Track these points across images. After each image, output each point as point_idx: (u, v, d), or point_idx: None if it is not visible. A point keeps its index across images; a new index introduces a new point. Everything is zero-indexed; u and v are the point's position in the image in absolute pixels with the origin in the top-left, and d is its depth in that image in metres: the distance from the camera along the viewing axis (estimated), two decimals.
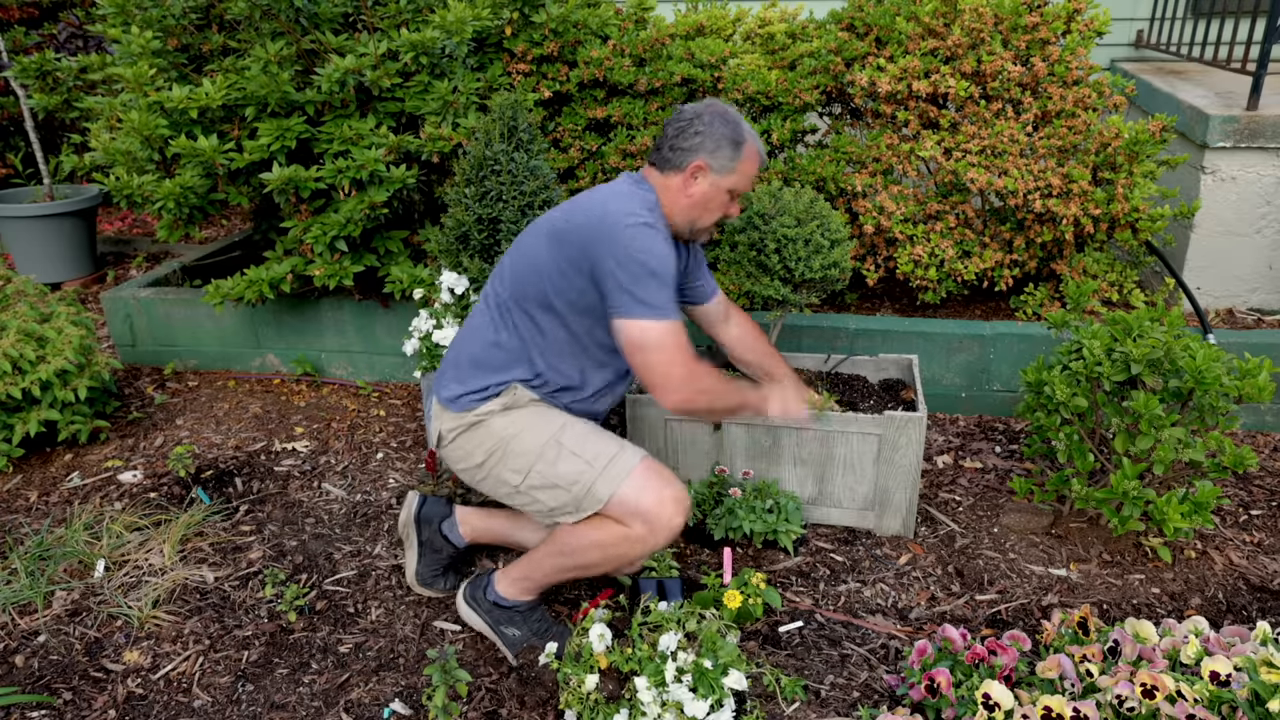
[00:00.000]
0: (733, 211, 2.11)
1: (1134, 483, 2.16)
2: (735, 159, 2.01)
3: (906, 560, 2.42)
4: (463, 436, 2.03)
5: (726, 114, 2.02)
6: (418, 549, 2.27)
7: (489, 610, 2.11)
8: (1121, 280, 3.27)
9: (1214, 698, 1.68)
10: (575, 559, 2.00)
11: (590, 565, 2.01)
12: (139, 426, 3.19)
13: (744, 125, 2.04)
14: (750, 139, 2.04)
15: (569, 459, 1.94)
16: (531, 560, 2.07)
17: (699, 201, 2.03)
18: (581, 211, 1.96)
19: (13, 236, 4.24)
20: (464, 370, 2.04)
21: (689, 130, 1.99)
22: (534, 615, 2.11)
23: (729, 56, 3.26)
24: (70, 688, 2.07)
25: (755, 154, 2.05)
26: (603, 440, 1.99)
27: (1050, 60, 3.02)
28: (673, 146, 2.01)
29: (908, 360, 2.68)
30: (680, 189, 2.02)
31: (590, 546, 1.96)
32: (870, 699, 1.97)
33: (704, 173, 2.01)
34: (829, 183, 3.17)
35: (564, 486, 1.94)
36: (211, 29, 3.21)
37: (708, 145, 1.99)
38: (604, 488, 1.90)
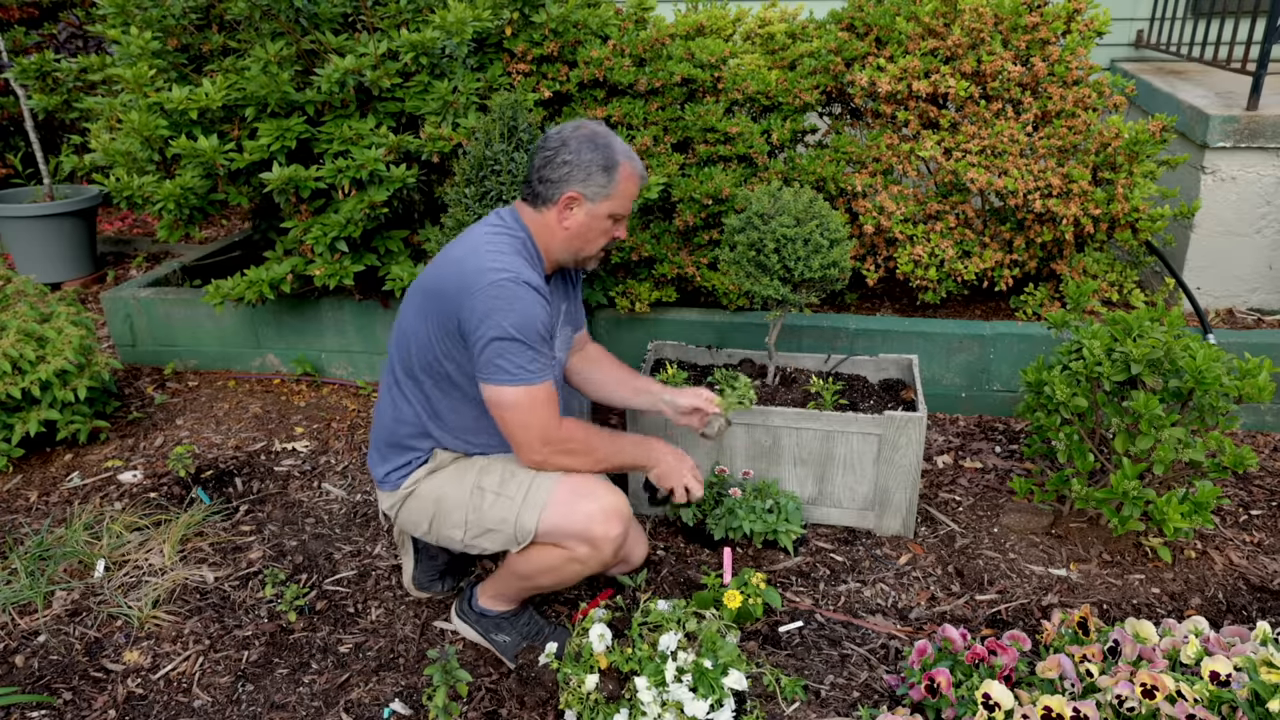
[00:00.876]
0: (619, 234, 1.99)
1: (1134, 483, 2.16)
2: (609, 183, 1.89)
3: (906, 560, 2.42)
4: (403, 509, 2.04)
5: (595, 136, 1.90)
6: (414, 555, 2.28)
7: (477, 620, 2.13)
8: (1121, 280, 3.27)
9: (1214, 698, 1.68)
10: (533, 582, 2.02)
11: (550, 586, 2.03)
12: (139, 426, 3.19)
13: (615, 144, 1.91)
14: (624, 158, 1.91)
15: (491, 500, 1.95)
16: (499, 580, 2.09)
17: (577, 233, 1.93)
18: (444, 269, 1.88)
19: (13, 236, 4.24)
20: (383, 450, 2.04)
21: (555, 160, 1.88)
22: (520, 619, 2.12)
23: (729, 56, 3.26)
24: (70, 688, 2.07)
25: (631, 173, 1.92)
26: (518, 474, 1.96)
27: (1050, 60, 3.02)
28: (541, 178, 1.90)
29: (908, 360, 2.68)
30: (556, 222, 1.91)
31: (541, 572, 1.98)
32: (870, 699, 1.97)
33: (578, 203, 1.90)
34: (829, 183, 3.16)
35: (496, 529, 1.94)
36: (211, 29, 3.21)
37: (577, 175, 1.87)
38: (529, 519, 1.90)
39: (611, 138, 1.92)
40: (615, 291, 3.21)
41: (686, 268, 3.17)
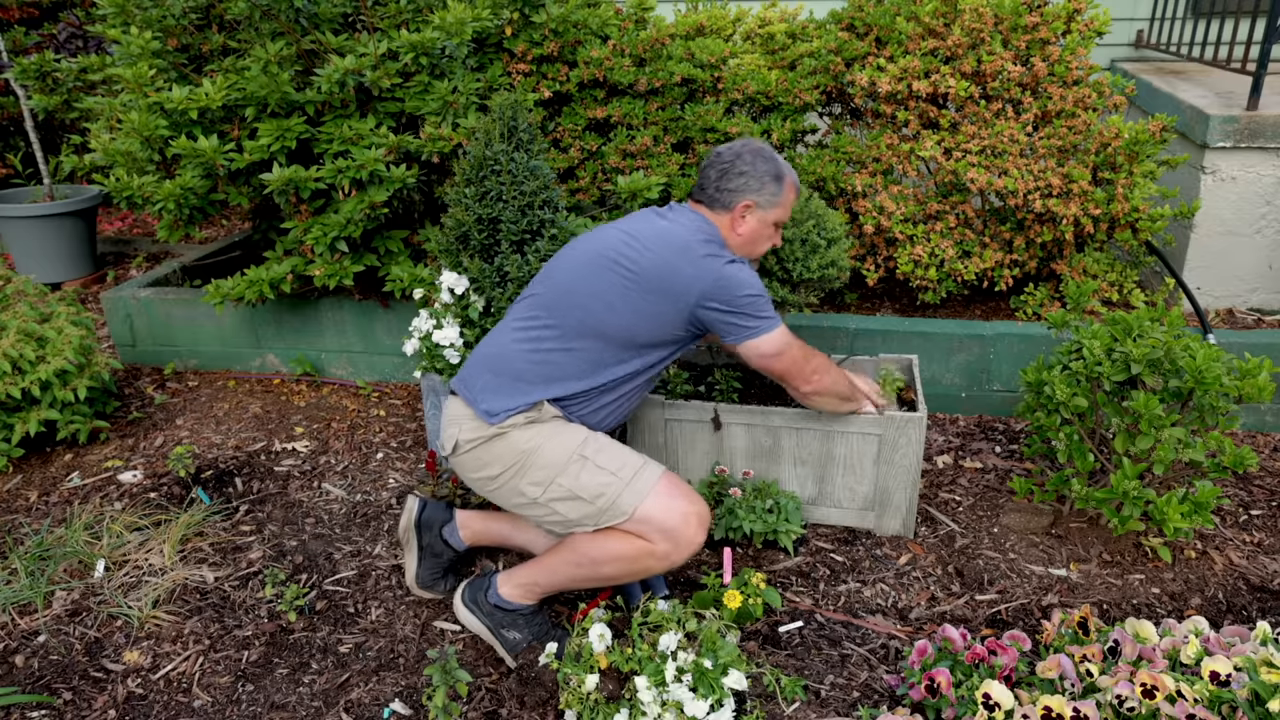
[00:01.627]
0: (777, 241, 2.20)
1: (1134, 483, 2.16)
2: (779, 192, 2.11)
3: (906, 560, 2.42)
4: (481, 448, 2.02)
5: (763, 151, 2.12)
6: (418, 553, 2.27)
7: (490, 613, 2.10)
8: (1121, 280, 3.28)
9: (1214, 698, 1.68)
10: (594, 570, 1.99)
11: (609, 577, 2.01)
12: (139, 426, 3.19)
13: (780, 159, 2.14)
14: (789, 172, 2.13)
15: (593, 471, 1.95)
16: (543, 566, 2.06)
17: (749, 238, 2.12)
18: (660, 251, 2.02)
19: (13, 236, 4.24)
20: (506, 383, 2.02)
21: (732, 171, 2.08)
22: (536, 619, 2.10)
23: (729, 56, 3.26)
24: (70, 688, 2.07)
25: (794, 185, 2.16)
26: (625, 453, 2.01)
27: (1050, 60, 3.02)
28: (718, 188, 2.09)
29: (908, 360, 2.68)
30: (729, 227, 2.10)
31: (612, 559, 1.95)
32: (870, 699, 1.97)
33: (752, 210, 2.09)
34: (829, 183, 3.17)
35: (587, 499, 1.93)
36: (211, 29, 3.22)
37: (753, 184, 2.08)
38: (629, 501, 1.91)
39: (776, 153, 2.16)
40: None
41: None
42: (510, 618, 2.09)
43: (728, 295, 1.99)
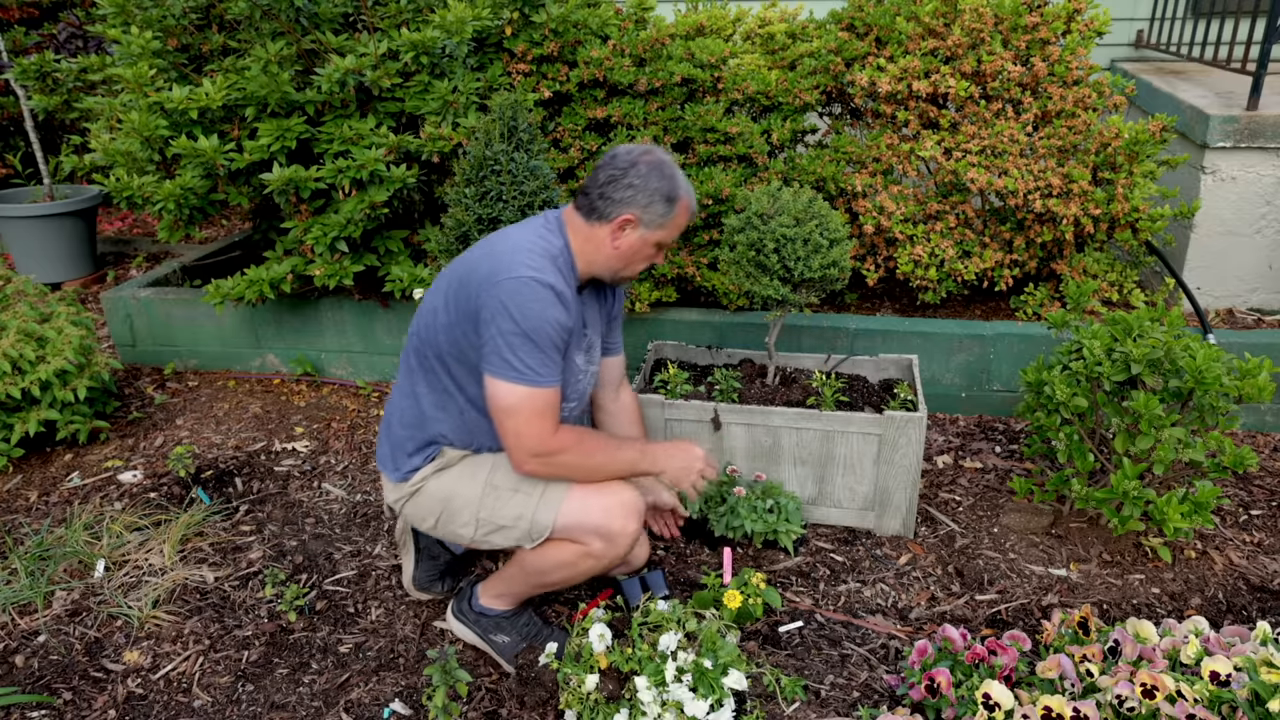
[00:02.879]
0: (658, 260, 2.03)
1: (1134, 483, 2.16)
2: (668, 215, 1.92)
3: (906, 560, 2.42)
4: (409, 505, 2.04)
5: (662, 166, 1.91)
6: (414, 555, 2.28)
7: (476, 620, 2.12)
8: (1121, 280, 3.27)
9: (1214, 698, 1.68)
10: (542, 579, 2.02)
11: (561, 582, 2.02)
12: (139, 426, 3.19)
13: (679, 178, 1.93)
14: (684, 194, 1.94)
15: (507, 497, 1.95)
16: (504, 578, 2.09)
17: (625, 254, 1.94)
18: (478, 259, 1.89)
19: (13, 236, 4.24)
20: (393, 441, 2.04)
21: (621, 181, 1.88)
22: (520, 620, 2.12)
23: (729, 56, 3.26)
24: (70, 688, 2.07)
25: (687, 209, 1.96)
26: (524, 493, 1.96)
27: (1050, 60, 3.02)
28: (602, 194, 1.90)
29: (908, 360, 2.68)
30: (606, 239, 1.92)
31: (555, 567, 1.97)
32: (870, 699, 1.97)
33: (633, 226, 1.91)
34: (829, 183, 3.17)
35: (510, 525, 1.94)
36: (211, 29, 3.21)
37: (640, 199, 1.89)
38: (546, 516, 1.91)
39: (676, 170, 1.94)
40: None
41: (686, 268, 3.17)
42: (494, 622, 2.11)
43: (499, 321, 1.78)
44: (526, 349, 1.79)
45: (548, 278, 1.82)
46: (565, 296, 1.85)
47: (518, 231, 1.94)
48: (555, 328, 1.81)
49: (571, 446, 1.89)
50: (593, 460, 1.93)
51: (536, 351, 1.79)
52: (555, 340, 1.82)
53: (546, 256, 1.86)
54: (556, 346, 1.83)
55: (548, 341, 1.81)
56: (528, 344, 1.78)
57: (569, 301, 1.87)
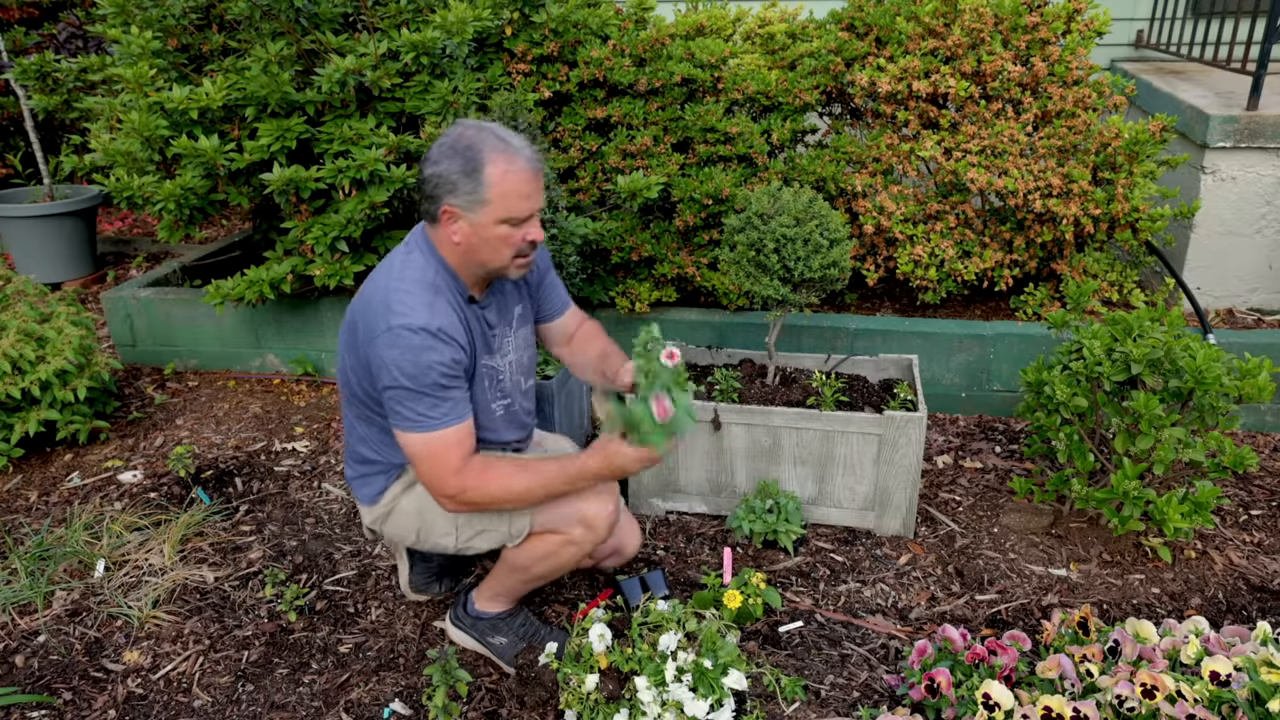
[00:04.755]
0: (530, 235, 1.78)
1: (1134, 483, 2.16)
2: (479, 189, 1.70)
3: (906, 560, 2.42)
4: (386, 524, 2.05)
5: (459, 139, 1.71)
6: (408, 559, 2.27)
7: (473, 625, 2.12)
8: (1121, 280, 3.27)
9: (1214, 698, 1.68)
10: (532, 572, 2.01)
11: (549, 573, 2.02)
12: (139, 426, 3.19)
13: (484, 143, 1.70)
14: (492, 154, 1.70)
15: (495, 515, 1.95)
16: (495, 578, 2.09)
17: (470, 246, 1.77)
18: (360, 306, 1.83)
19: (13, 236, 4.24)
20: (356, 466, 2.04)
21: (427, 174, 1.74)
22: (516, 620, 2.12)
23: (729, 56, 3.26)
24: (70, 688, 2.07)
25: (507, 171, 1.70)
26: None
27: (1050, 60, 3.02)
28: (423, 194, 1.77)
29: (908, 360, 2.68)
30: (447, 239, 1.78)
31: (539, 559, 1.97)
32: (870, 699, 1.97)
33: (454, 217, 1.75)
34: (829, 183, 3.17)
35: (489, 529, 1.96)
36: (211, 29, 3.21)
37: (445, 186, 1.72)
38: (522, 515, 1.92)
39: (481, 136, 1.72)
40: (615, 291, 3.21)
41: (686, 268, 3.17)
42: (490, 624, 2.11)
43: (383, 377, 1.74)
44: (413, 399, 1.73)
45: (417, 319, 1.72)
46: (446, 329, 1.75)
47: (385, 268, 1.83)
48: (439, 370, 1.73)
49: (481, 483, 1.79)
50: (513, 485, 1.82)
51: (423, 398, 1.73)
52: (442, 381, 1.74)
53: (419, 286, 1.77)
54: (445, 385, 1.75)
55: (433, 386, 1.73)
56: (413, 395, 1.73)
57: (453, 328, 1.77)
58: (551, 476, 1.84)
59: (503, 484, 1.81)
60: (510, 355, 2.01)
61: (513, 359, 2.02)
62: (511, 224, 1.75)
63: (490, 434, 2.00)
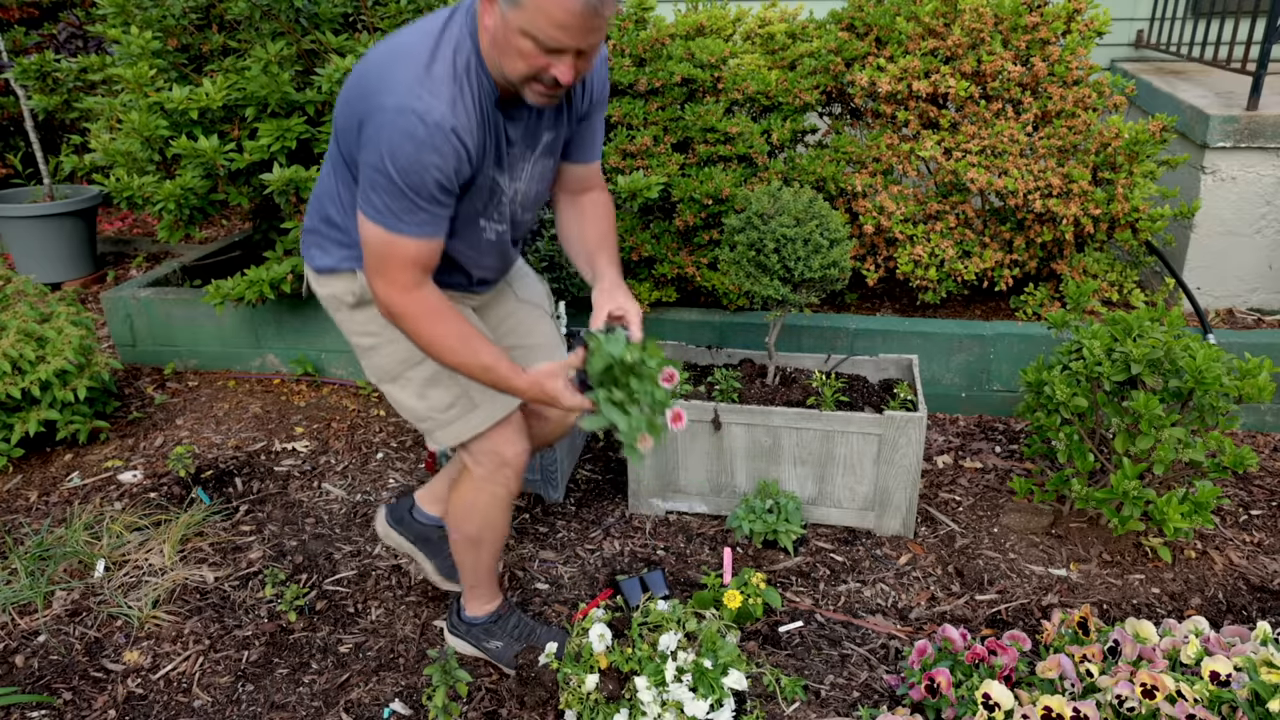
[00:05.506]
0: (549, 67, 1.50)
1: (1134, 483, 2.16)
2: None
3: (906, 560, 2.42)
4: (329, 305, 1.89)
5: None
6: (418, 549, 2.26)
7: (467, 631, 2.11)
8: (1121, 280, 3.27)
9: (1214, 698, 1.68)
10: (462, 534, 1.97)
11: (477, 532, 1.95)
12: (139, 426, 3.19)
13: None
14: None
15: (414, 397, 1.87)
16: (459, 566, 2.06)
17: (494, 40, 1.52)
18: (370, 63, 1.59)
19: (13, 236, 4.24)
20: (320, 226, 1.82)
21: None
22: (509, 622, 2.10)
23: (729, 56, 3.26)
24: (70, 688, 2.07)
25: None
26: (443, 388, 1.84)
27: (1050, 60, 3.02)
28: None
29: (908, 360, 2.68)
30: (484, 20, 1.54)
31: (465, 514, 1.93)
32: (870, 699, 1.97)
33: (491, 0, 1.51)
34: (829, 183, 3.17)
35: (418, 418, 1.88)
36: (211, 29, 3.21)
37: None
38: (443, 437, 1.86)
39: None
40: None
41: (686, 268, 3.17)
42: (483, 629, 2.10)
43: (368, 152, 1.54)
44: (391, 192, 1.53)
45: (435, 112, 1.49)
46: (460, 131, 1.53)
47: (416, 29, 1.59)
48: (434, 177, 1.53)
49: (417, 317, 1.64)
50: (439, 345, 1.66)
51: (401, 198, 1.53)
52: (429, 189, 1.54)
53: (450, 71, 1.53)
54: (432, 196, 1.55)
55: (419, 190, 1.53)
56: (392, 187, 1.53)
57: (468, 133, 1.54)
58: (477, 368, 1.67)
59: (433, 337, 1.65)
60: (520, 184, 1.78)
61: (522, 189, 1.79)
62: (534, 42, 1.48)
63: (471, 256, 1.82)
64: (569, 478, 2.81)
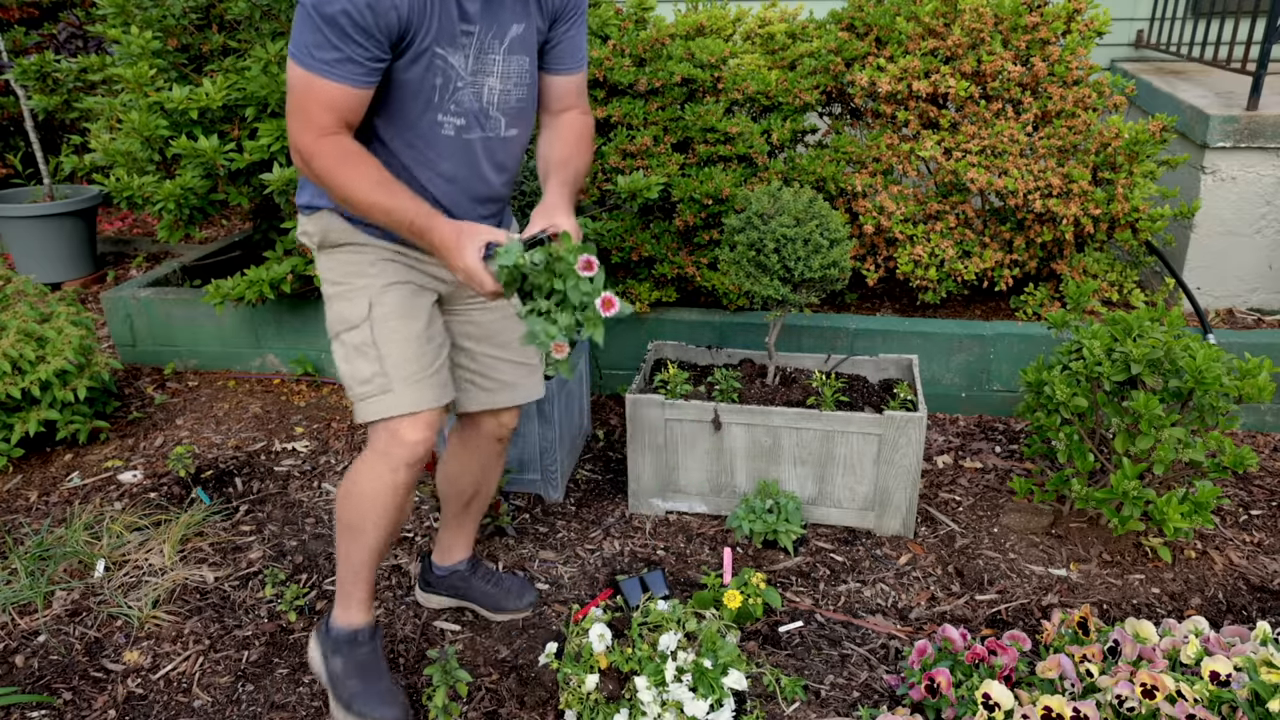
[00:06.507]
0: None
1: (1134, 483, 2.16)
2: None
3: (906, 560, 2.42)
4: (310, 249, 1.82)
5: None
6: (462, 600, 2.23)
7: (324, 638, 1.95)
8: (1121, 280, 3.28)
9: (1214, 698, 1.68)
10: (340, 516, 1.86)
11: (355, 519, 1.83)
12: (139, 426, 3.19)
13: None
14: None
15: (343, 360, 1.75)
16: (337, 562, 1.94)
17: None
18: None
19: (13, 236, 4.24)
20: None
21: None
22: (361, 651, 1.90)
23: (729, 56, 3.26)
24: (70, 688, 2.07)
25: None
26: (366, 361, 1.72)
27: (1050, 60, 3.03)
28: None
29: (908, 360, 2.68)
30: None
31: (342, 495, 1.83)
32: (870, 699, 1.97)
33: None
34: (829, 183, 3.17)
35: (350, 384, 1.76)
36: (211, 29, 3.21)
37: None
38: (359, 411, 1.75)
39: None
40: (615, 291, 3.21)
41: (686, 268, 3.17)
42: (334, 643, 1.92)
43: None
44: (305, 24, 1.46)
45: None
46: None
47: None
48: (344, 10, 1.43)
49: (330, 157, 1.54)
50: (353, 188, 1.55)
51: (315, 30, 1.45)
52: (340, 23, 1.44)
53: None
54: (344, 33, 1.45)
55: (330, 21, 1.44)
56: (307, 20, 1.46)
57: None
58: (396, 210, 1.56)
59: (347, 179, 1.55)
60: (493, 80, 1.66)
61: (496, 86, 1.67)
62: None
63: (429, 158, 1.68)
64: (569, 477, 2.81)
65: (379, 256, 1.75)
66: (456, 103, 1.63)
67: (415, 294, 1.77)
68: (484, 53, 1.63)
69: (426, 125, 1.63)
